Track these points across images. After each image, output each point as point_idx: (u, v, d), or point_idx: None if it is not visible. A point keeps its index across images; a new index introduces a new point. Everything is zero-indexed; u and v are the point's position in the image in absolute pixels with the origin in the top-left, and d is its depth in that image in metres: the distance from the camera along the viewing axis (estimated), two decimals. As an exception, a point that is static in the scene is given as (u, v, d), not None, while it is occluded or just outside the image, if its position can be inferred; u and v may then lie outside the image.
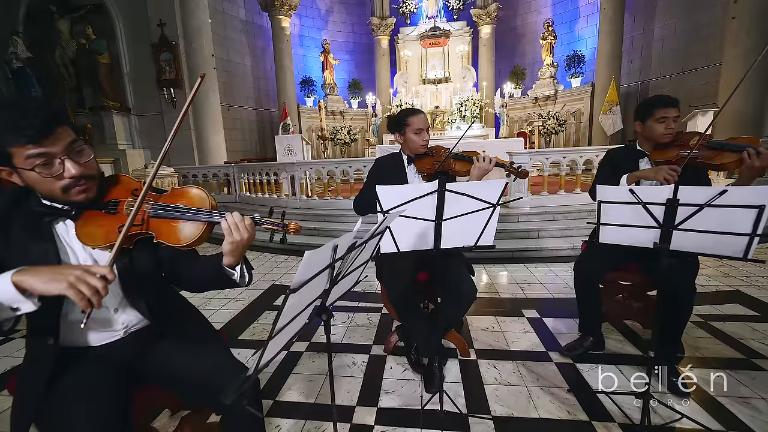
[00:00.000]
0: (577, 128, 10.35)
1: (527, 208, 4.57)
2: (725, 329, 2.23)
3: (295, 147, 6.92)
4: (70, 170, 0.86)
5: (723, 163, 1.62)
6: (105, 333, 1.04)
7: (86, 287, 0.74)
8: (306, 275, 0.63)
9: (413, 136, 1.88)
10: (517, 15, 11.90)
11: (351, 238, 0.74)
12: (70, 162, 0.87)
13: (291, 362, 2.09)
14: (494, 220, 1.32)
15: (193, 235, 0.93)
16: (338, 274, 0.80)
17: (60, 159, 0.86)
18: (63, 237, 0.95)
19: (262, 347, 0.64)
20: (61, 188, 0.88)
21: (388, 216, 0.90)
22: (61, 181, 0.87)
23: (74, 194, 0.90)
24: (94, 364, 1.00)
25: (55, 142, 0.85)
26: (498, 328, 2.38)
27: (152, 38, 8.05)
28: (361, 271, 1.03)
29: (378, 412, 1.65)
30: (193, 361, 1.05)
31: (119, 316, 1.05)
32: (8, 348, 2.40)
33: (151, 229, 0.94)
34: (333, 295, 0.86)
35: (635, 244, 1.36)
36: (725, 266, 3.33)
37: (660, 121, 1.79)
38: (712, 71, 7.40)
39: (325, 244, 0.66)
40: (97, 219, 0.94)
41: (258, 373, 0.66)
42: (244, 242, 0.93)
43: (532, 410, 1.62)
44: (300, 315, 0.73)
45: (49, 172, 0.85)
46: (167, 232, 0.94)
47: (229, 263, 0.98)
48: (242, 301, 3.05)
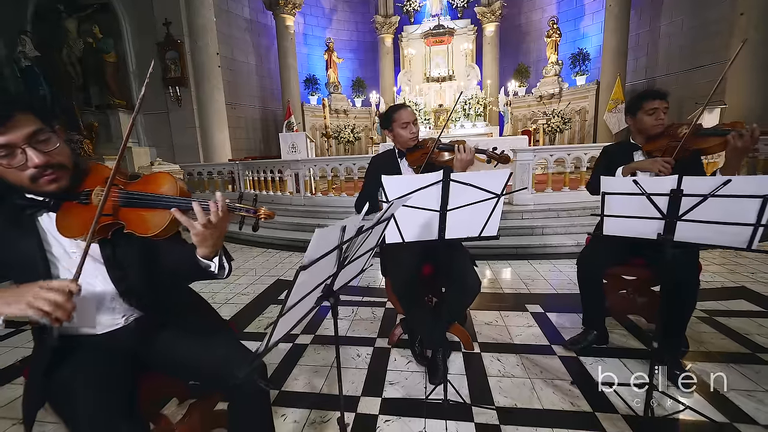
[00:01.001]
0: (581, 126, 10.29)
1: (531, 205, 4.56)
2: (730, 324, 2.22)
3: (300, 144, 6.96)
4: (33, 159, 0.84)
5: (710, 147, 1.69)
6: (107, 320, 1.04)
7: (45, 303, 0.73)
8: (316, 253, 0.65)
9: (401, 131, 1.91)
10: (521, 12, 11.84)
11: (359, 221, 0.76)
12: (33, 151, 0.84)
13: (296, 354, 2.11)
14: (498, 211, 1.34)
15: (161, 223, 0.88)
16: (345, 258, 0.82)
17: (21, 149, 0.83)
18: (48, 229, 0.95)
19: (272, 325, 0.66)
20: (28, 178, 0.86)
21: (394, 203, 0.91)
22: (26, 171, 0.85)
23: (43, 184, 0.88)
24: (100, 350, 1.00)
25: (13, 130, 0.82)
26: (502, 323, 2.39)
27: (158, 37, 8.11)
28: (366, 259, 1.05)
29: (382, 402, 1.67)
30: (204, 351, 1.05)
31: (116, 305, 1.04)
32: (20, 339, 2.44)
33: (121, 219, 0.91)
34: (340, 280, 0.88)
35: (639, 236, 1.36)
36: (731, 262, 3.31)
37: (649, 113, 1.85)
38: (719, 68, 7.33)
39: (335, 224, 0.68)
40: (73, 210, 0.92)
41: (268, 351, 0.68)
42: (209, 232, 0.87)
43: (535, 401, 1.63)
44: (309, 296, 0.74)
45: (11, 163, 0.84)
46: (136, 221, 0.90)
47: (204, 254, 0.93)
48: (248, 296, 3.08)
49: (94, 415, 0.86)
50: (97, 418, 0.85)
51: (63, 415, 0.90)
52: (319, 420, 1.58)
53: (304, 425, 1.55)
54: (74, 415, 0.87)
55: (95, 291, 1.00)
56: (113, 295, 1.02)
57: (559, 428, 1.46)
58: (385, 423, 1.54)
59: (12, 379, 1.96)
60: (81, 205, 0.92)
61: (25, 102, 0.86)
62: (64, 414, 0.90)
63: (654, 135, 1.88)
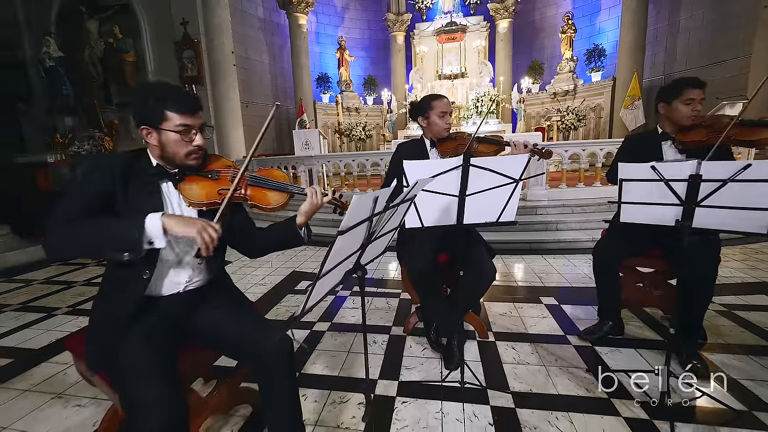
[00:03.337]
0: (596, 123, 10.13)
1: (545, 201, 4.54)
2: (750, 318, 2.20)
3: (313, 141, 7.04)
4: (198, 141, 1.12)
5: (760, 139, 1.63)
6: (172, 285, 1.18)
7: (207, 235, 0.96)
8: (352, 220, 0.70)
9: (437, 119, 1.94)
10: (535, 8, 11.71)
11: (388, 193, 0.81)
12: (200, 135, 1.12)
13: (314, 340, 2.17)
14: (516, 196, 1.36)
15: (278, 201, 1.19)
16: (373, 233, 0.86)
17: (195, 130, 1.11)
18: (167, 194, 1.15)
19: (310, 287, 0.71)
20: (186, 153, 1.11)
21: (419, 182, 0.95)
22: (188, 147, 1.11)
23: (191, 159, 1.13)
24: (156, 315, 1.13)
25: (197, 119, 1.11)
26: (516, 314, 2.41)
27: (175, 36, 8.31)
28: (389, 238, 1.10)
29: (399, 385, 1.72)
30: (239, 323, 1.18)
31: (187, 270, 1.19)
32: (53, 322, 2.57)
33: (247, 194, 1.18)
34: (367, 254, 0.93)
35: (657, 222, 1.38)
36: (751, 258, 3.25)
37: (687, 102, 1.77)
38: (740, 63, 7.14)
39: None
40: (200, 182, 1.16)
41: (305, 313, 0.73)
42: (317, 206, 1.20)
43: (550, 387, 1.66)
44: (341, 264, 0.79)
45: (185, 137, 1.09)
46: (259, 197, 1.18)
47: (300, 222, 1.23)
48: (265, 286, 3.16)
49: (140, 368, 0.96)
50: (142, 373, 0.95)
51: (124, 367, 0.99)
52: (338, 400, 1.63)
53: (324, 404, 1.60)
54: (124, 367, 0.97)
55: (180, 254, 1.16)
56: (187, 261, 1.17)
57: (574, 412, 1.49)
58: (402, 404, 1.58)
59: (48, 358, 2.07)
60: (209, 179, 1.16)
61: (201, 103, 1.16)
62: (126, 366, 0.98)
63: (687, 126, 1.81)
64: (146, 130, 1.09)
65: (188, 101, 1.09)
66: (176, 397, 0.94)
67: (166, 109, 1.06)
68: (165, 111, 1.06)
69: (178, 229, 0.96)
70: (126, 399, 0.96)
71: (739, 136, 1.66)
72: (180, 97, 1.09)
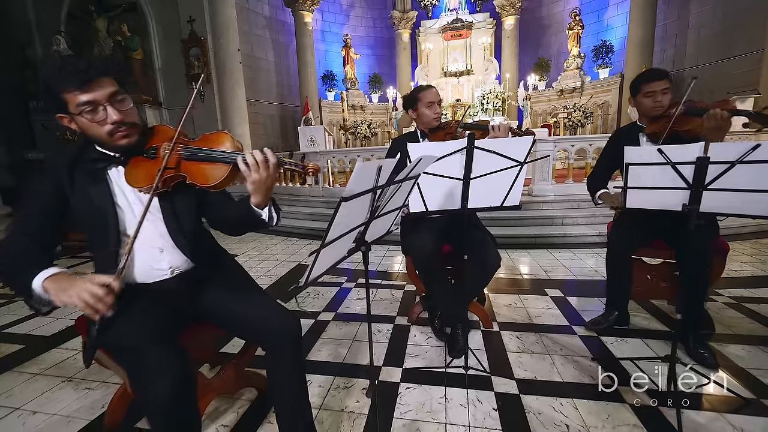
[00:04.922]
0: (604, 120, 10.03)
1: (551, 196, 4.52)
2: (759, 310, 2.17)
3: (318, 138, 7.08)
4: (112, 116, 0.97)
5: (690, 129, 1.66)
6: (153, 272, 1.12)
7: (91, 299, 0.83)
8: (356, 187, 0.70)
9: (425, 110, 1.94)
10: (542, 5, 11.60)
11: (392, 164, 0.81)
12: (112, 108, 0.97)
13: (319, 329, 2.19)
14: (521, 180, 1.36)
15: (220, 175, 0.99)
16: (377, 208, 0.87)
17: (103, 106, 0.96)
18: (115, 181, 1.07)
19: (314, 254, 0.72)
20: (106, 133, 0.99)
21: (423, 159, 0.95)
22: (105, 126, 0.98)
23: (118, 138, 1.01)
24: (151, 299, 1.08)
25: (97, 89, 0.95)
26: (521, 305, 2.40)
27: (182, 34, 8.39)
28: (393, 219, 1.10)
29: (403, 371, 1.72)
30: (246, 302, 1.16)
31: (164, 256, 1.12)
32: (62, 311, 2.61)
33: (183, 171, 1.02)
34: (371, 232, 0.93)
35: (663, 207, 1.36)
36: (762, 253, 3.20)
37: (647, 95, 1.81)
38: (753, 58, 7.01)
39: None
40: (141, 164, 1.04)
41: (309, 285, 0.74)
42: (263, 180, 0.97)
43: (555, 375, 1.65)
44: (345, 236, 0.80)
45: (94, 118, 0.97)
46: (197, 173, 1.01)
47: (256, 203, 1.03)
48: (270, 278, 3.19)
49: (141, 340, 0.94)
50: (144, 345, 0.93)
51: (122, 345, 0.98)
52: (343, 386, 1.64)
53: (329, 389, 1.61)
54: (125, 345, 0.96)
55: (149, 241, 1.09)
56: (163, 246, 1.11)
57: (579, 399, 1.48)
58: (406, 390, 1.59)
59: (59, 344, 2.12)
60: (148, 159, 1.04)
61: (105, 67, 0.99)
62: (124, 345, 0.97)
63: (655, 117, 1.83)
64: (62, 118, 0.98)
65: (74, 75, 0.92)
66: (183, 362, 0.93)
67: (61, 92, 0.94)
68: (61, 94, 0.94)
69: (57, 297, 0.85)
70: (131, 373, 0.95)
71: (675, 126, 1.67)
72: (67, 72, 0.93)
